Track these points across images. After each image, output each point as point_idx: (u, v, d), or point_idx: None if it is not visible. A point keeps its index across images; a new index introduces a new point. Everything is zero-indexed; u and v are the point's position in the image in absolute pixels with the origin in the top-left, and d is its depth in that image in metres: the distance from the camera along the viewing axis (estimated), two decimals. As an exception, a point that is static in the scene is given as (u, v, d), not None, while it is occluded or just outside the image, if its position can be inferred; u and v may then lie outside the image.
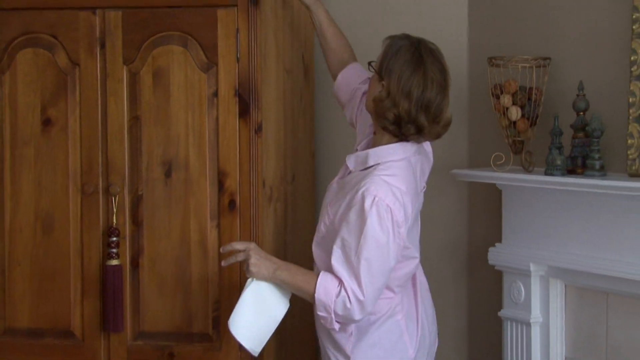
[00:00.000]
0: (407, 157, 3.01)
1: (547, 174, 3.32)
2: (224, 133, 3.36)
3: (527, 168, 3.44)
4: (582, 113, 3.32)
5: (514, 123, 3.46)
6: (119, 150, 3.43)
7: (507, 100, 3.44)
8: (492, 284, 3.74)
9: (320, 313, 2.91)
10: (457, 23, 3.88)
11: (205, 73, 3.36)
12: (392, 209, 2.87)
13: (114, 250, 3.41)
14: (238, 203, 3.36)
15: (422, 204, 3.15)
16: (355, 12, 3.64)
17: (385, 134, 3.02)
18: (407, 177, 2.97)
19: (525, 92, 3.45)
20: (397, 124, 2.96)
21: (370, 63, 3.10)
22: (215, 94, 3.36)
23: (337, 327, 2.93)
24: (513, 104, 3.44)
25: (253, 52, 3.33)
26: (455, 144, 3.85)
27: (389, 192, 2.89)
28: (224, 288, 3.37)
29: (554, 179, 3.28)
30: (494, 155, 3.50)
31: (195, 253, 3.40)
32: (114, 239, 3.41)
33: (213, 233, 3.36)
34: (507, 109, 3.45)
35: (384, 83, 2.97)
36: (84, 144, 3.45)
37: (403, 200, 2.91)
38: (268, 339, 3.06)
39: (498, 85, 3.48)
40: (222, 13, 3.33)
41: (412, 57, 2.96)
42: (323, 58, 3.80)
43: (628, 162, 3.16)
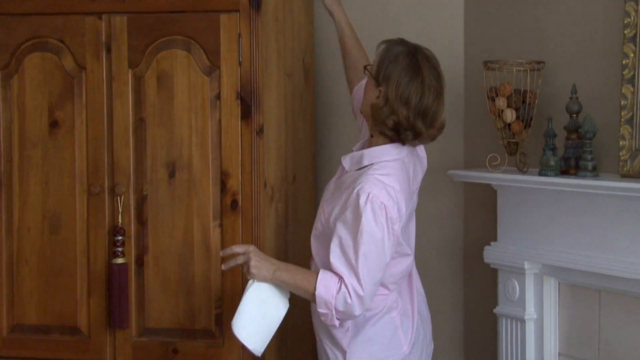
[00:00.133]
0: (400, 158, 3.01)
1: (541, 175, 3.31)
2: (227, 135, 3.36)
3: (521, 169, 3.43)
4: (575, 115, 3.31)
5: (509, 125, 3.45)
6: (124, 152, 3.43)
7: (502, 103, 3.44)
8: (487, 282, 3.72)
9: (321, 310, 2.89)
10: (453, 28, 3.86)
11: (208, 76, 3.37)
12: (386, 206, 2.87)
13: (120, 249, 3.42)
14: (240, 203, 3.36)
15: (415, 205, 3.15)
16: (353, 17, 3.61)
17: (381, 137, 3.02)
18: (400, 176, 2.97)
19: (520, 95, 3.44)
20: (395, 130, 2.96)
21: (366, 67, 3.08)
22: (218, 97, 3.36)
23: (337, 323, 2.92)
24: (508, 107, 3.44)
25: (255, 56, 3.33)
26: (452, 145, 3.83)
27: (383, 190, 2.89)
28: (226, 286, 3.37)
29: (548, 180, 3.28)
30: (490, 156, 3.49)
31: (199, 252, 3.40)
32: (120, 238, 3.41)
33: (216, 232, 3.37)
34: (502, 112, 3.45)
35: (382, 89, 2.95)
36: (90, 146, 3.46)
37: (396, 198, 2.91)
38: (270, 339, 3.05)
39: (493, 88, 3.47)
40: (224, 18, 3.34)
41: (409, 64, 2.95)
42: (322, 62, 3.82)
43: (620, 163, 3.16)
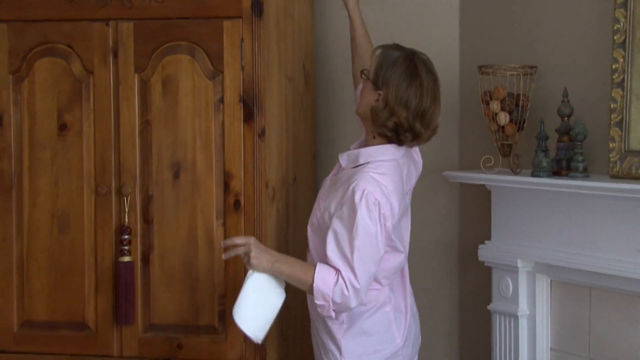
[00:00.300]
0: (395, 158, 3.05)
1: (533, 176, 3.33)
2: (229, 137, 3.39)
3: (514, 170, 3.45)
4: (566, 118, 3.33)
5: (503, 127, 3.47)
6: (131, 153, 3.46)
7: (496, 106, 3.46)
8: (481, 279, 3.74)
9: (319, 302, 2.93)
10: (449, 34, 3.88)
11: (212, 80, 3.39)
12: (379, 203, 2.91)
13: (126, 248, 3.45)
14: (243, 203, 3.39)
15: (409, 205, 3.18)
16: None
17: (379, 137, 3.06)
18: (394, 176, 3.00)
19: (513, 98, 3.46)
20: (395, 132, 3.01)
21: (363, 71, 3.10)
22: (221, 100, 3.39)
23: (333, 314, 2.96)
24: (501, 110, 3.45)
25: (257, 60, 3.36)
26: (447, 147, 3.86)
27: (377, 187, 2.93)
28: (229, 283, 3.41)
29: (540, 180, 3.29)
30: (484, 158, 3.50)
31: (202, 250, 3.43)
32: (126, 237, 3.44)
33: (219, 231, 3.40)
34: (496, 115, 3.46)
35: (381, 93, 3.00)
36: (98, 148, 3.48)
37: (389, 197, 2.95)
38: (269, 328, 3.08)
39: (487, 92, 3.49)
40: (227, 24, 3.37)
41: (407, 68, 2.99)
42: (322, 66, 3.81)
43: (610, 164, 3.19)
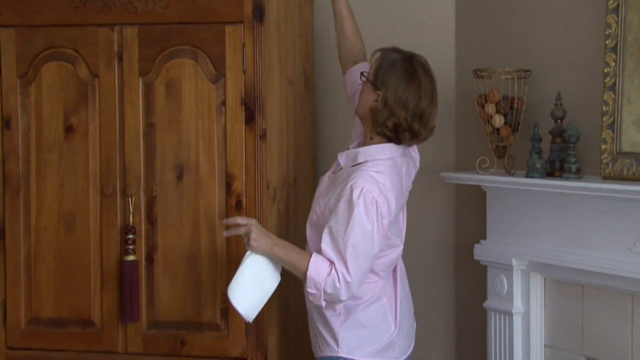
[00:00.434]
0: (393, 157, 3.09)
1: (527, 177, 3.36)
2: (231, 139, 3.41)
3: (509, 171, 3.49)
4: (559, 121, 3.37)
5: (498, 130, 3.52)
6: (135, 155, 3.47)
7: (491, 109, 3.50)
8: (477, 278, 3.77)
9: (310, 290, 2.98)
10: (445, 38, 3.91)
11: (214, 84, 3.41)
12: (377, 201, 2.96)
13: (131, 247, 3.46)
14: (244, 203, 3.40)
15: (406, 201, 3.21)
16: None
17: (377, 136, 3.11)
18: (392, 175, 3.05)
19: (508, 101, 3.50)
20: (394, 131, 3.06)
21: (362, 73, 3.16)
22: (223, 103, 3.41)
23: (324, 304, 3.01)
24: (496, 113, 3.50)
25: (258, 64, 3.38)
26: (444, 149, 3.90)
27: (375, 186, 2.97)
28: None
29: (534, 181, 3.33)
30: (479, 159, 3.55)
31: (205, 249, 3.44)
32: (131, 237, 3.46)
33: (221, 231, 3.37)
34: (491, 117, 3.51)
35: (380, 93, 3.05)
36: (103, 149, 3.50)
37: (387, 195, 2.99)
38: (262, 308, 3.13)
39: (483, 95, 3.53)
40: (229, 29, 3.39)
41: (406, 70, 3.06)
42: (322, 70, 3.84)
43: (602, 165, 3.23)
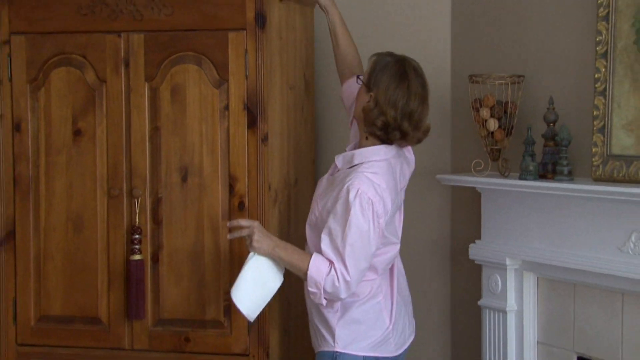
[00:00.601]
0: (387, 158, 3.14)
1: (521, 179, 3.39)
2: (234, 142, 3.46)
3: (503, 173, 3.52)
4: (552, 124, 3.40)
5: (492, 133, 3.54)
6: (141, 158, 3.52)
7: (485, 113, 3.52)
8: (472, 277, 3.80)
9: (311, 289, 3.04)
10: (441, 45, 3.95)
11: (218, 89, 3.46)
12: (373, 201, 3.01)
13: (137, 247, 3.51)
14: (247, 204, 3.45)
15: (402, 201, 3.26)
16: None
17: (371, 138, 3.15)
18: (387, 175, 3.10)
19: (502, 105, 3.52)
20: (384, 130, 3.11)
21: (359, 76, 3.24)
22: (226, 108, 3.46)
23: (324, 302, 3.06)
24: (491, 117, 3.52)
25: (260, 70, 3.43)
26: (440, 152, 3.94)
27: (371, 187, 3.02)
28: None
29: (527, 183, 3.36)
30: (474, 162, 3.58)
31: (209, 249, 3.49)
32: (137, 237, 3.51)
33: (225, 231, 3.42)
34: (485, 121, 3.54)
35: (372, 94, 3.11)
36: (110, 152, 3.55)
37: (382, 195, 3.04)
38: (263, 308, 3.17)
39: (478, 100, 3.56)
40: (232, 36, 3.44)
41: (397, 71, 3.11)
42: (322, 75, 3.90)
43: (593, 168, 3.27)
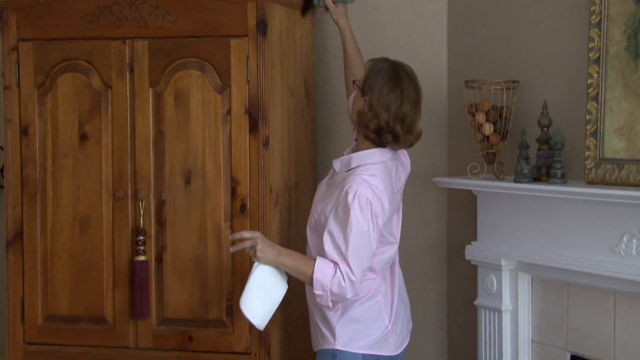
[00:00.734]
0: (383, 161, 3.19)
1: (516, 182, 3.42)
2: (236, 146, 3.49)
3: (498, 176, 3.55)
4: (546, 129, 3.43)
5: (487, 137, 3.57)
6: (146, 161, 3.56)
7: (481, 118, 3.55)
8: (468, 277, 3.83)
9: (318, 292, 3.08)
10: (437, 51, 3.98)
11: (220, 94, 3.50)
12: (371, 202, 3.06)
13: (141, 248, 3.55)
14: (248, 207, 3.49)
15: (400, 203, 3.30)
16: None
17: (366, 142, 3.21)
18: (384, 177, 3.15)
19: (497, 110, 3.55)
20: (377, 133, 3.16)
21: (355, 82, 3.29)
22: (229, 112, 3.49)
23: (331, 304, 3.10)
24: (486, 121, 3.55)
25: (261, 76, 3.46)
26: (436, 155, 3.97)
27: (369, 188, 3.08)
28: (237, 280, 3.49)
29: (522, 186, 3.40)
30: (470, 165, 3.59)
31: (212, 250, 3.52)
32: (141, 238, 3.55)
33: (227, 233, 3.49)
34: (481, 125, 3.56)
35: (366, 98, 3.16)
36: (115, 156, 3.59)
37: (380, 196, 3.09)
38: (272, 316, 3.20)
39: (473, 105, 3.58)
40: (234, 42, 3.48)
41: (391, 76, 3.16)
42: (322, 81, 3.95)
43: (585, 171, 3.30)
